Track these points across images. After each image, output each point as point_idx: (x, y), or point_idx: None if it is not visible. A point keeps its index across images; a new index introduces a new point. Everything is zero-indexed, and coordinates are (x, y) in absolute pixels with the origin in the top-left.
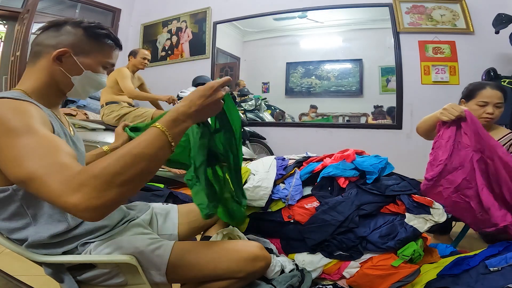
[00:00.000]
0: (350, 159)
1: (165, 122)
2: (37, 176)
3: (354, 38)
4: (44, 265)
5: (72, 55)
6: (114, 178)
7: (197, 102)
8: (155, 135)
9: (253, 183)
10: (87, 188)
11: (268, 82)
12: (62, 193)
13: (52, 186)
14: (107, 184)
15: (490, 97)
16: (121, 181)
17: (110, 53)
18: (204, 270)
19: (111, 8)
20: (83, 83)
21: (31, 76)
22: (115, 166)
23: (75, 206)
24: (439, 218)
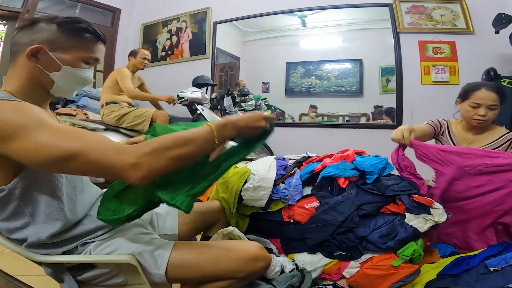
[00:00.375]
0: (350, 159)
1: (216, 124)
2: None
3: (354, 38)
4: (44, 265)
5: (48, 51)
6: (166, 150)
7: (247, 120)
8: (206, 130)
9: (253, 183)
10: (146, 154)
11: (268, 82)
12: (119, 158)
13: (111, 156)
14: (160, 153)
15: (483, 99)
16: (171, 155)
17: (90, 47)
18: (204, 270)
19: (111, 8)
20: (64, 79)
21: (13, 76)
22: (170, 141)
23: (136, 165)
24: (439, 218)
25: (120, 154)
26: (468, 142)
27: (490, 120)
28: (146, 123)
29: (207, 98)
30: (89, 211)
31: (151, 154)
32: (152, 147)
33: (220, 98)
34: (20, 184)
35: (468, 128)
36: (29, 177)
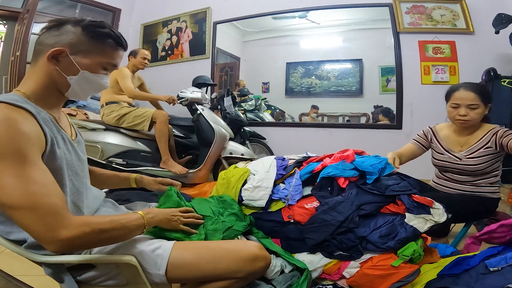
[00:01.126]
0: (350, 159)
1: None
2: (30, 208)
3: (354, 38)
4: (44, 265)
5: (69, 55)
6: (101, 233)
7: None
8: (139, 220)
9: (253, 183)
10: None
11: (268, 82)
12: (54, 228)
13: (46, 221)
14: (93, 235)
15: (461, 99)
16: (101, 238)
17: (111, 53)
18: (204, 270)
19: (111, 8)
20: (80, 83)
21: (31, 76)
22: (106, 225)
23: (62, 241)
24: (439, 218)
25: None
26: (461, 145)
27: (473, 120)
28: (146, 123)
29: (207, 98)
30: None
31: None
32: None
33: (220, 98)
34: None
35: (458, 130)
36: None
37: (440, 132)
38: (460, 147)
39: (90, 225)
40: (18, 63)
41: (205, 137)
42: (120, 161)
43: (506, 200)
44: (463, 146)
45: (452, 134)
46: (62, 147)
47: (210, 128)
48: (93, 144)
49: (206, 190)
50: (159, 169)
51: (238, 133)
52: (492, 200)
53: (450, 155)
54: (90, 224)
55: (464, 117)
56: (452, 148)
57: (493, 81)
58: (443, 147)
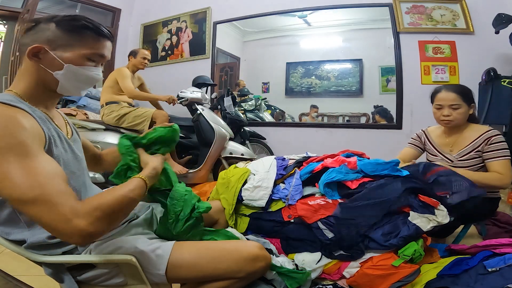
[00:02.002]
0: (351, 165)
1: (148, 177)
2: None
3: (354, 38)
4: (44, 265)
5: (49, 51)
6: (113, 214)
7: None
8: (141, 185)
9: (253, 183)
10: (93, 218)
11: (268, 82)
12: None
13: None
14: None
15: (443, 100)
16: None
17: (93, 44)
18: (204, 270)
19: (111, 8)
20: (68, 77)
21: (20, 77)
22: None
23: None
24: (442, 220)
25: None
26: (450, 146)
27: (456, 120)
28: (146, 123)
29: (207, 98)
30: None
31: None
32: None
33: (220, 98)
34: None
35: (447, 131)
36: None
37: (431, 134)
38: (450, 148)
39: (99, 208)
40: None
41: (205, 137)
42: None
43: (506, 200)
44: (453, 147)
45: (442, 135)
46: (59, 145)
47: (210, 128)
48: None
49: (206, 190)
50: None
51: (238, 133)
52: (492, 200)
53: (442, 156)
54: (99, 207)
55: (447, 117)
56: (443, 149)
57: (493, 81)
58: (436, 149)
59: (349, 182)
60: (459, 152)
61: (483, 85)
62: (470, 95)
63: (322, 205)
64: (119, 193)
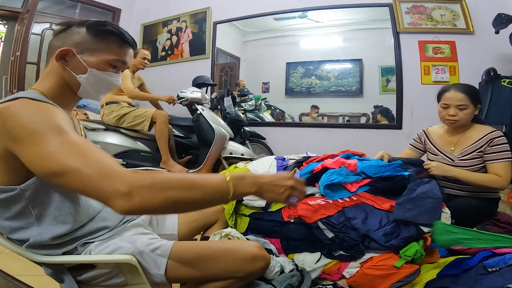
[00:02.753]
0: (351, 168)
1: (234, 175)
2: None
3: (354, 38)
4: (44, 265)
5: (76, 54)
6: (167, 189)
7: (271, 177)
8: (220, 180)
9: None
10: (142, 187)
11: (268, 82)
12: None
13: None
14: (158, 191)
15: (451, 100)
16: (169, 195)
17: (116, 50)
18: (203, 270)
19: (111, 8)
20: (90, 82)
21: (45, 78)
22: (173, 181)
23: (127, 195)
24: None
25: (113, 180)
26: (452, 145)
27: (462, 120)
28: (146, 123)
29: (207, 98)
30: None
31: (147, 188)
32: (151, 181)
33: (220, 98)
34: (34, 185)
35: (450, 130)
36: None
37: (433, 133)
38: (452, 147)
39: (149, 179)
40: (18, 63)
41: (205, 137)
42: (120, 161)
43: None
44: (455, 146)
45: (445, 134)
46: None
47: (210, 128)
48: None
49: None
50: (159, 169)
51: (238, 133)
52: (492, 200)
53: (443, 156)
54: (150, 178)
55: (453, 117)
56: (444, 148)
57: (493, 81)
58: (437, 149)
59: (348, 184)
60: (461, 152)
61: (483, 85)
62: (478, 96)
63: (322, 205)
64: (184, 176)
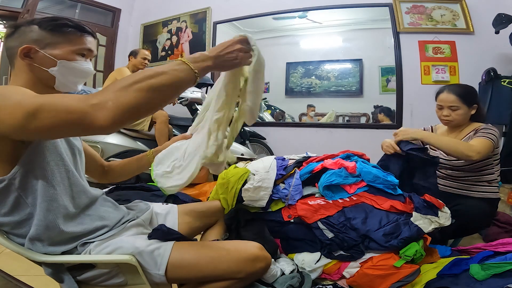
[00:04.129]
0: (350, 170)
1: (187, 57)
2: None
3: (354, 38)
4: (44, 265)
5: (39, 50)
6: (133, 84)
7: (217, 49)
8: (176, 62)
9: (253, 183)
10: (110, 92)
11: (268, 82)
12: (82, 102)
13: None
14: (125, 88)
15: (443, 101)
16: (139, 87)
17: (78, 40)
18: (203, 270)
19: (111, 8)
20: (63, 73)
21: (16, 79)
22: (136, 75)
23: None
24: (445, 222)
25: (86, 100)
26: None
27: (456, 120)
28: (146, 123)
29: None
30: (88, 211)
31: (116, 91)
32: (118, 85)
33: None
34: (19, 172)
35: (449, 129)
36: (26, 164)
37: (438, 130)
38: None
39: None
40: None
41: None
42: None
43: (506, 200)
44: None
45: (445, 132)
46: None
47: None
48: (93, 144)
49: (206, 190)
50: None
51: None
52: (492, 200)
53: (440, 151)
54: (114, 83)
55: (447, 117)
56: None
57: (493, 81)
58: None
59: (347, 186)
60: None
61: (483, 85)
62: (471, 96)
63: (322, 205)
64: (148, 70)
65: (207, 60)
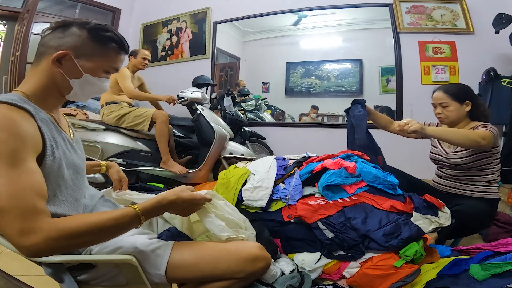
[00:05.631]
0: (350, 170)
1: (144, 210)
2: (5, 211)
3: (354, 38)
4: (44, 265)
5: (73, 58)
6: (76, 238)
7: (182, 204)
8: (132, 218)
9: (253, 183)
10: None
11: (268, 82)
12: (23, 233)
13: (17, 225)
14: (67, 241)
15: (434, 99)
16: (79, 243)
17: (113, 57)
18: (204, 270)
19: (111, 8)
20: (82, 86)
21: (33, 77)
22: (85, 231)
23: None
24: (445, 222)
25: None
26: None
27: (448, 117)
28: (146, 123)
29: (207, 98)
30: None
31: (57, 240)
32: (61, 234)
33: (220, 98)
34: None
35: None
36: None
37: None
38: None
39: (59, 231)
40: (18, 63)
41: (205, 137)
42: (120, 161)
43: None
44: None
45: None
46: (62, 147)
47: (210, 128)
48: (93, 144)
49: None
50: (159, 169)
51: (238, 133)
52: (492, 200)
53: (441, 148)
54: (60, 229)
55: (439, 115)
56: (443, 143)
57: (493, 81)
58: (438, 141)
59: (347, 186)
60: (453, 146)
61: (483, 85)
62: (462, 93)
63: (322, 205)
64: (95, 220)
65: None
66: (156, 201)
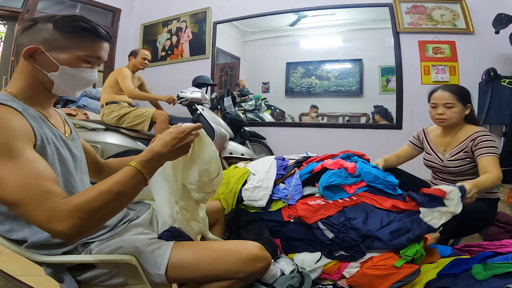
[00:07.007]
0: (350, 171)
1: (141, 162)
2: (23, 203)
3: (354, 38)
4: (44, 265)
5: (45, 52)
6: (95, 213)
7: (171, 143)
8: (132, 174)
9: (253, 183)
10: (72, 219)
11: (268, 82)
12: (49, 220)
13: (39, 214)
14: (89, 217)
15: (438, 99)
16: (100, 216)
17: (90, 46)
18: (204, 270)
19: (111, 8)
20: (63, 79)
21: (17, 77)
22: (97, 201)
23: (60, 233)
24: (456, 209)
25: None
26: (444, 146)
27: (450, 118)
28: (146, 123)
29: (207, 98)
30: None
31: (82, 219)
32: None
33: (220, 98)
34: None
35: (444, 131)
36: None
37: (431, 133)
38: (444, 147)
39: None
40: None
41: None
42: None
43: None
44: (447, 147)
45: (439, 135)
46: (54, 143)
47: (210, 128)
48: (93, 144)
49: None
50: None
51: (238, 133)
52: (492, 200)
53: (435, 156)
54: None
55: (441, 115)
56: (438, 148)
57: (493, 81)
58: (431, 148)
59: (347, 186)
60: (450, 153)
61: (483, 85)
62: (466, 96)
63: (322, 205)
64: (100, 188)
65: (161, 160)
66: (147, 150)
